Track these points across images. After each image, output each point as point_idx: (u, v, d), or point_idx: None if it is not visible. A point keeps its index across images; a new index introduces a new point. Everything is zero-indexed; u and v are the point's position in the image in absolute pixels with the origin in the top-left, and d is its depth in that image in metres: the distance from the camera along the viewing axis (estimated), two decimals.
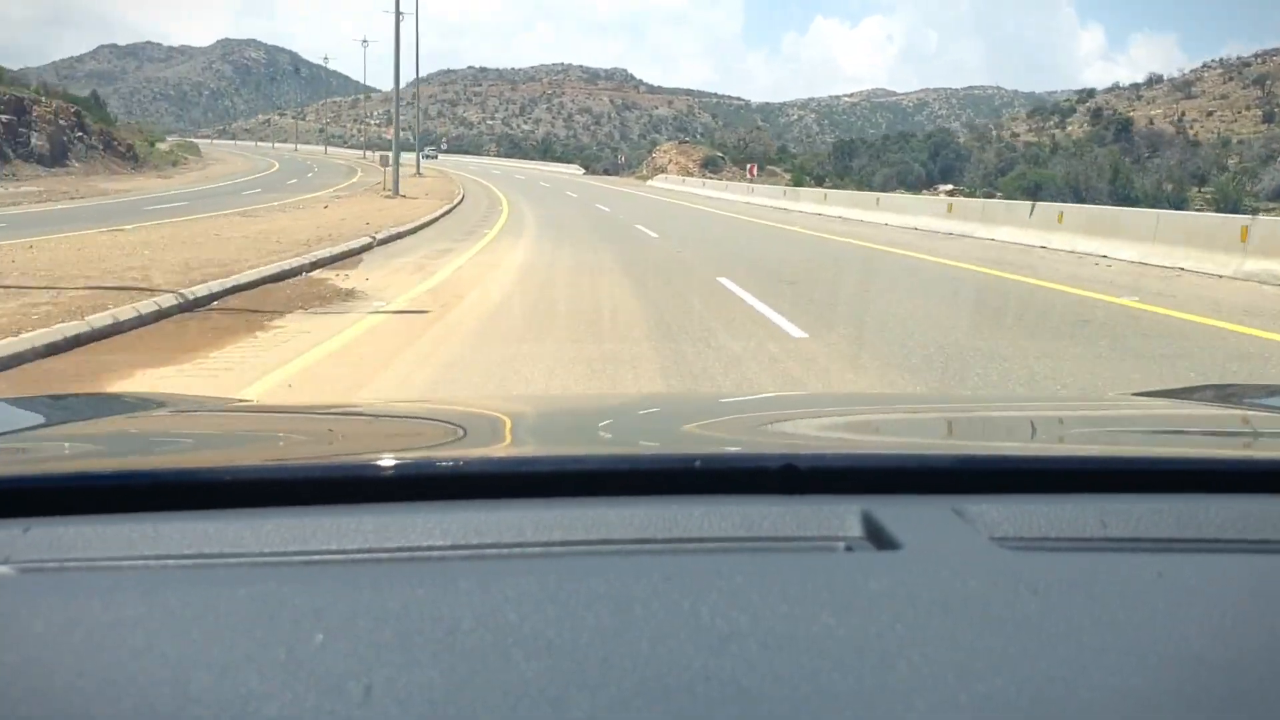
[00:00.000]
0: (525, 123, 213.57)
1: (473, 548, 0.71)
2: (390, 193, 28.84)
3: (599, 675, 0.51)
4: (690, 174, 64.73)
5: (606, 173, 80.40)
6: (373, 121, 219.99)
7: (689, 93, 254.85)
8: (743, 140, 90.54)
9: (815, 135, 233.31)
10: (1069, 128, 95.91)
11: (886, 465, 0.93)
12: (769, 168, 67.13)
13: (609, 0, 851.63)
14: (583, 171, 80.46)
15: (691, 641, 0.54)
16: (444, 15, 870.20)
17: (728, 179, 54.88)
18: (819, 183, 51.23)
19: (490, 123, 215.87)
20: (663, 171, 69.20)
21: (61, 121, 45.66)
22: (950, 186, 54.39)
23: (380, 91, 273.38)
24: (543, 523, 0.74)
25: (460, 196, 30.54)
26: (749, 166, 49.39)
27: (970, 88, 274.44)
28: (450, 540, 0.72)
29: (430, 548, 0.71)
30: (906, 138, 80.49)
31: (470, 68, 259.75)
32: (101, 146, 49.05)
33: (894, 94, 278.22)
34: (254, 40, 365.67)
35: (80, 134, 47.42)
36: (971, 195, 39.77)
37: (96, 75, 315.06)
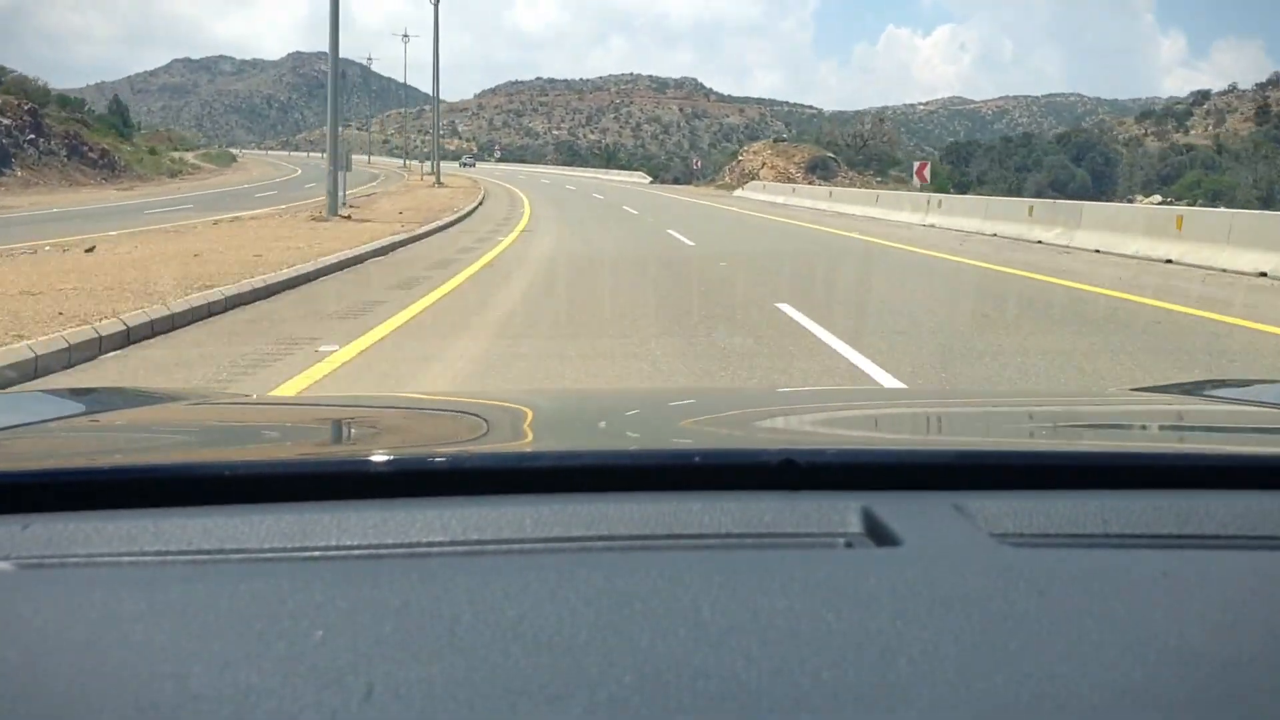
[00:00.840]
0: (591, 132, 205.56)
1: (472, 544, 0.71)
2: (337, 213, 18.39)
3: (598, 671, 0.51)
4: (792, 180, 48.67)
5: (677, 181, 67.17)
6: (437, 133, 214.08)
7: (759, 101, 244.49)
8: (859, 137, 65.23)
9: (900, 143, 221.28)
10: (1190, 130, 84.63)
11: (887, 461, 0.92)
12: (890, 172, 53.57)
13: (681, 11, 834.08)
14: (649, 180, 68.57)
15: (691, 637, 0.54)
16: (518, 29, 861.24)
17: (837, 185, 41.94)
18: (961, 190, 40.83)
19: (555, 133, 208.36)
20: (753, 178, 53.52)
21: (5, 120, 36.97)
22: (1157, 197, 42.42)
23: (445, 103, 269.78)
24: (542, 518, 0.73)
25: (460, 213, 21.82)
26: (917, 167, 28.97)
27: (1050, 95, 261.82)
28: (450, 536, 0.71)
29: (430, 544, 0.71)
30: (1029, 139, 68.76)
31: (538, 79, 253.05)
32: (65, 152, 40.97)
33: (970, 102, 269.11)
34: (325, 53, 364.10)
35: (34, 137, 38.95)
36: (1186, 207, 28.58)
37: (170, 89, 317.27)
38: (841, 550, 0.71)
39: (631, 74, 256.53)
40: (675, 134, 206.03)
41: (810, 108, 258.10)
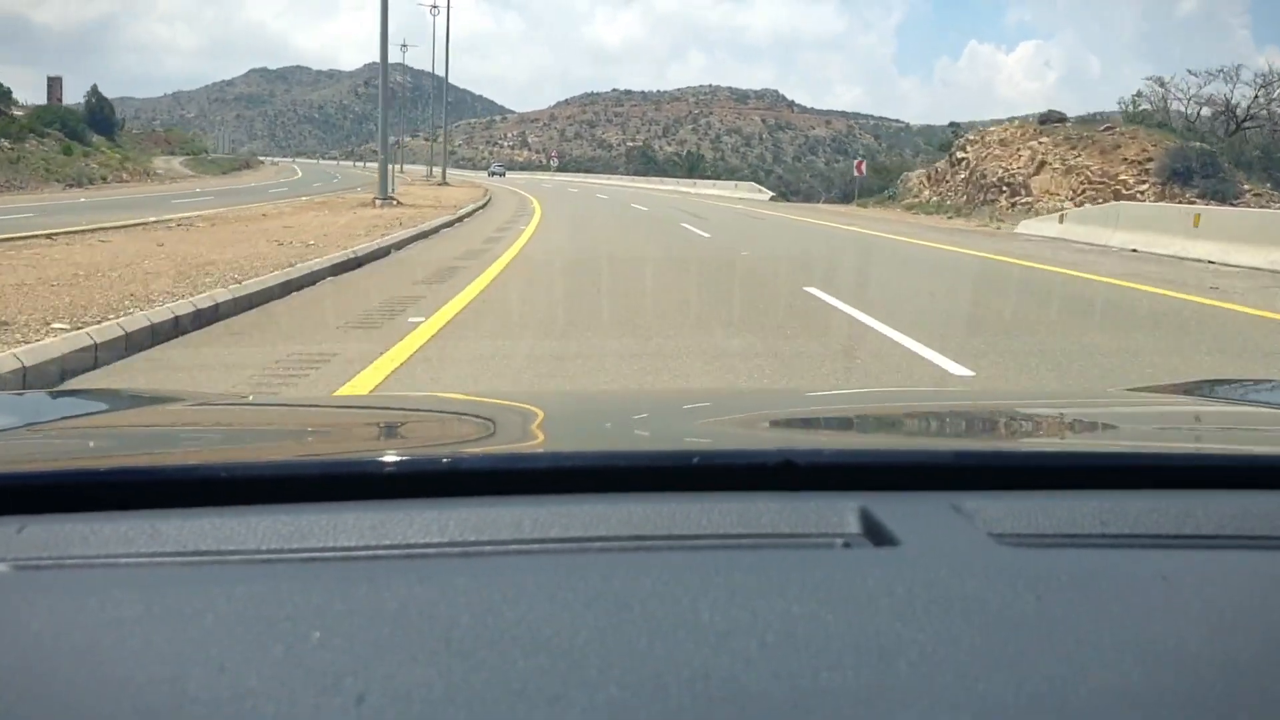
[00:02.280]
0: (668, 144, 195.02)
1: (470, 545, 0.70)
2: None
3: (597, 673, 0.51)
4: (1129, 193, 23.44)
5: (809, 199, 42.42)
6: (505, 144, 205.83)
7: (843, 114, 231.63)
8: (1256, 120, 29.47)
9: None
10: None
11: (885, 461, 0.92)
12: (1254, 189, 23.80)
13: (761, 25, 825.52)
14: (768, 197, 44.64)
15: (689, 639, 0.54)
16: (597, 43, 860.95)
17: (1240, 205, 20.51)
18: None
19: (630, 144, 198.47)
20: (1013, 190, 27.90)
21: None
22: None
23: (515, 113, 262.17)
24: (540, 520, 0.73)
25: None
26: None
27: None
28: (447, 537, 0.71)
29: (427, 545, 0.70)
30: None
31: (614, 90, 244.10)
32: None
33: (1058, 115, 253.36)
34: (401, 64, 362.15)
35: None
36: None
37: (245, 98, 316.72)
38: (840, 551, 0.70)
39: (710, 85, 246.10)
40: (757, 146, 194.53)
41: (896, 121, 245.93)
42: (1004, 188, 29.35)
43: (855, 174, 40.58)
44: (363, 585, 0.60)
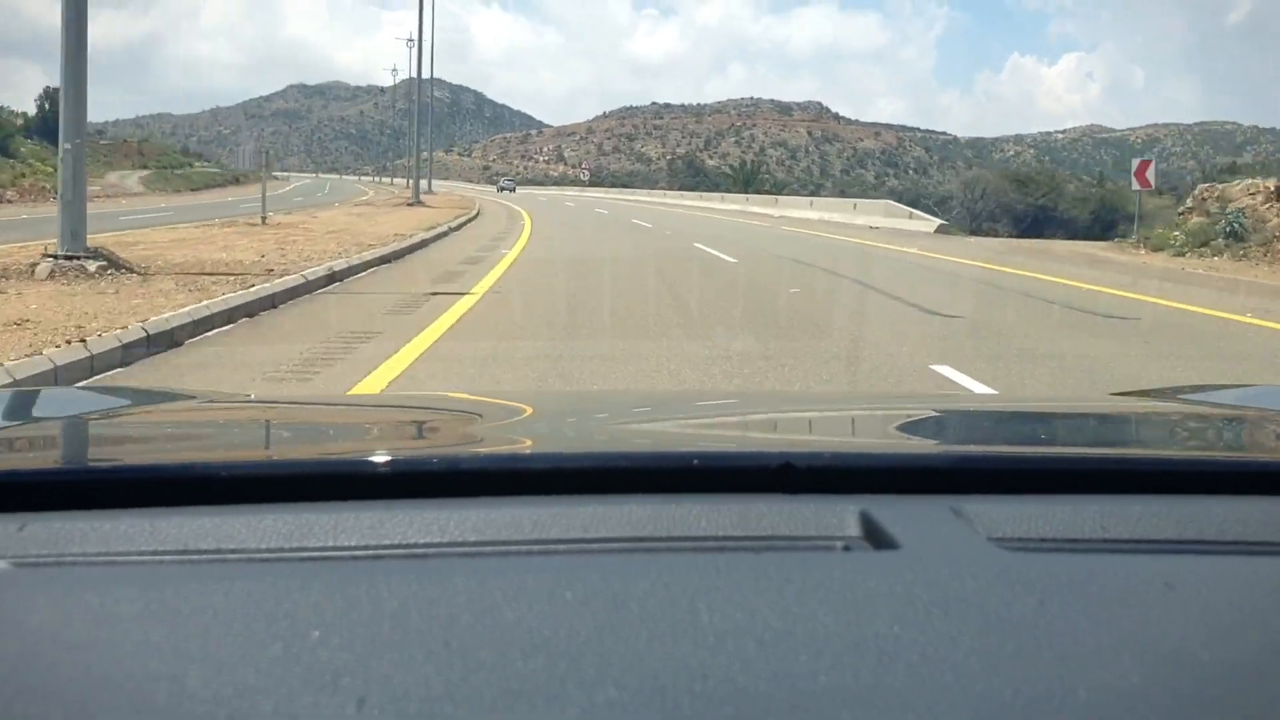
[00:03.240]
0: (710, 157, 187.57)
1: (470, 545, 0.70)
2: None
3: (596, 674, 0.51)
4: None
5: (975, 228, 30.28)
6: (540, 158, 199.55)
7: (888, 126, 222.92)
8: None
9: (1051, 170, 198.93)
10: None
11: (884, 465, 0.92)
12: None
13: (802, 38, 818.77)
14: (933, 228, 26.01)
15: (689, 640, 0.54)
16: (635, 58, 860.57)
17: None
18: None
19: (670, 158, 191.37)
20: None
21: None
22: None
23: (551, 127, 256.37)
24: (540, 520, 0.73)
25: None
26: None
27: (1203, 123, 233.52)
28: (447, 538, 0.71)
29: (427, 545, 0.70)
30: None
31: (653, 103, 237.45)
32: None
33: (1111, 130, 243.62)
34: (439, 80, 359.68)
35: None
36: None
37: (283, 114, 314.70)
38: (839, 554, 0.70)
39: (752, 98, 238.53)
40: (804, 159, 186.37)
41: (944, 134, 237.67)
42: None
43: (1136, 186, 22.48)
44: (362, 585, 0.60)
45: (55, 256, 9.22)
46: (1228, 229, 17.74)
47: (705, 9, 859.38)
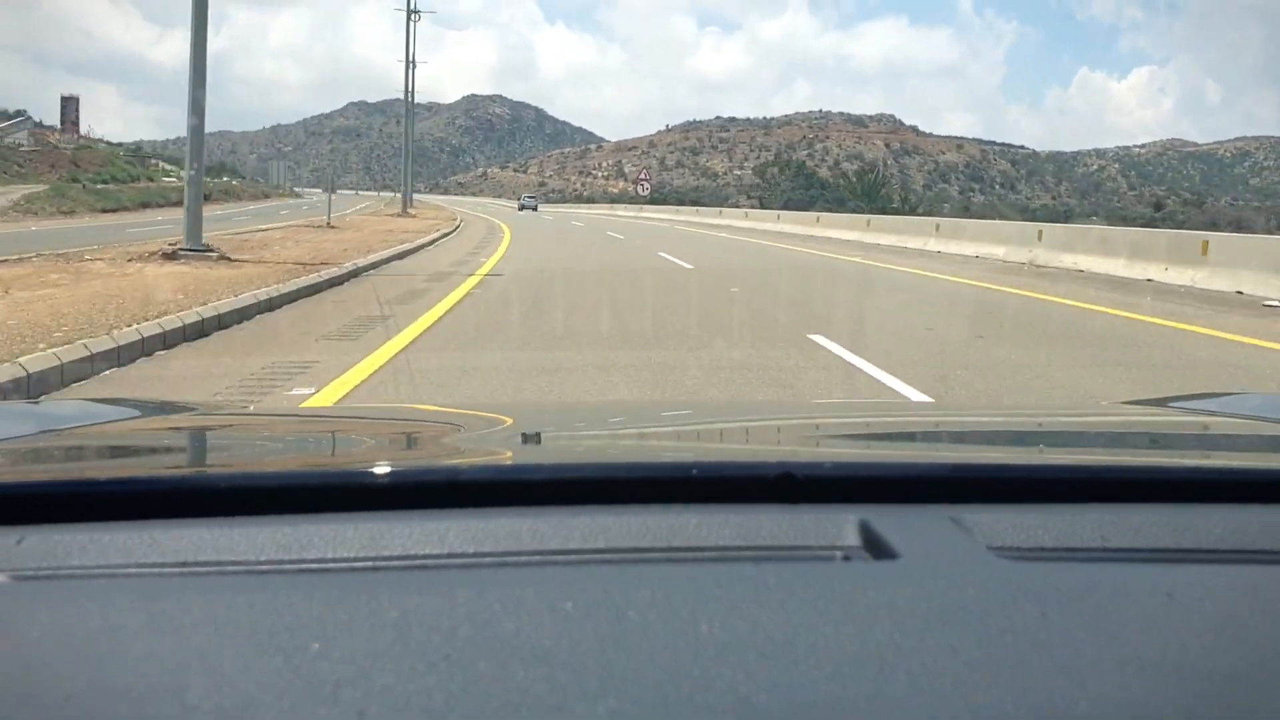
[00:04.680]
0: (781, 171, 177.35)
1: (469, 556, 0.70)
2: None
3: (596, 685, 0.51)
4: None
5: None
6: (599, 174, 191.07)
7: (963, 139, 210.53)
8: None
9: (1141, 187, 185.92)
10: None
11: (884, 474, 0.92)
12: None
13: (868, 53, 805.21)
14: None
15: (689, 651, 0.54)
16: (700, 74, 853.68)
17: None
18: None
19: (738, 173, 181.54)
20: None
21: None
22: None
23: (609, 142, 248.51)
24: (540, 531, 0.73)
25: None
26: None
27: None
28: (447, 549, 0.71)
29: (427, 556, 0.70)
30: None
31: (717, 118, 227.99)
32: None
33: (1193, 144, 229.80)
34: (499, 96, 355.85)
35: None
36: None
37: (343, 131, 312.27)
38: (839, 563, 0.70)
39: (822, 111, 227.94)
40: (882, 172, 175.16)
41: (1021, 147, 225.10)
42: None
43: None
44: (362, 596, 0.60)
45: None
46: None
47: (770, 25, 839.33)
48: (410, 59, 49.12)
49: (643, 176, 60.99)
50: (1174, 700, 0.51)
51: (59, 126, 74.47)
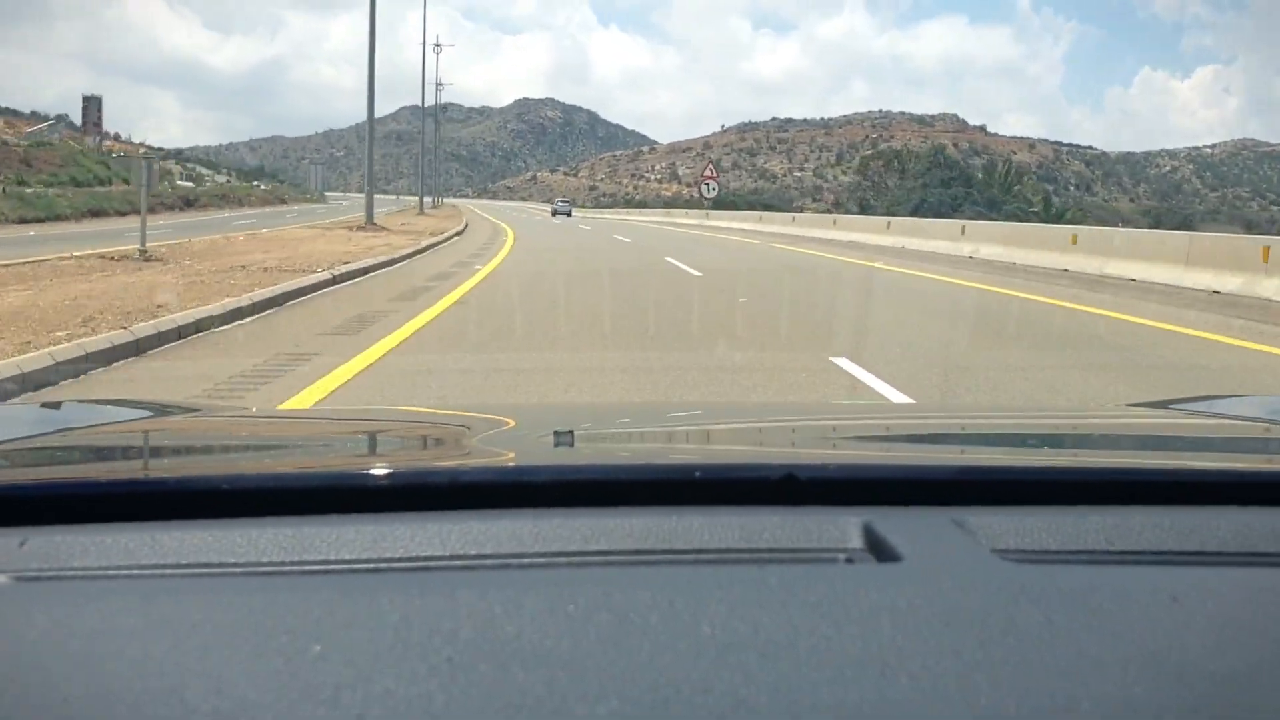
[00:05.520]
0: (843, 172, 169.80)
1: (471, 558, 0.70)
2: None
3: (598, 687, 0.51)
4: None
5: None
6: (652, 176, 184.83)
7: (1031, 139, 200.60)
8: None
9: (1221, 189, 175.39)
10: None
11: (887, 476, 0.92)
12: None
13: (927, 53, 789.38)
14: None
15: (691, 653, 0.54)
16: (756, 76, 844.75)
17: None
18: None
19: (798, 174, 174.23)
20: None
21: None
22: None
23: (660, 144, 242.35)
24: (541, 533, 0.73)
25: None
26: None
27: None
28: (448, 550, 0.71)
29: (428, 558, 0.70)
30: None
31: (774, 119, 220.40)
32: None
33: (1268, 144, 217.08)
34: (551, 99, 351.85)
35: None
36: None
37: (395, 135, 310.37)
38: (842, 566, 0.70)
39: (882, 111, 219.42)
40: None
41: (1089, 148, 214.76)
42: None
43: None
44: (363, 598, 0.60)
45: None
46: None
47: (826, 25, 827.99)
48: (437, 82, 48.96)
49: (707, 174, 46.98)
50: (1177, 702, 0.51)
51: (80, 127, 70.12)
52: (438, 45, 54.37)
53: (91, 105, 69.73)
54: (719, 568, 0.69)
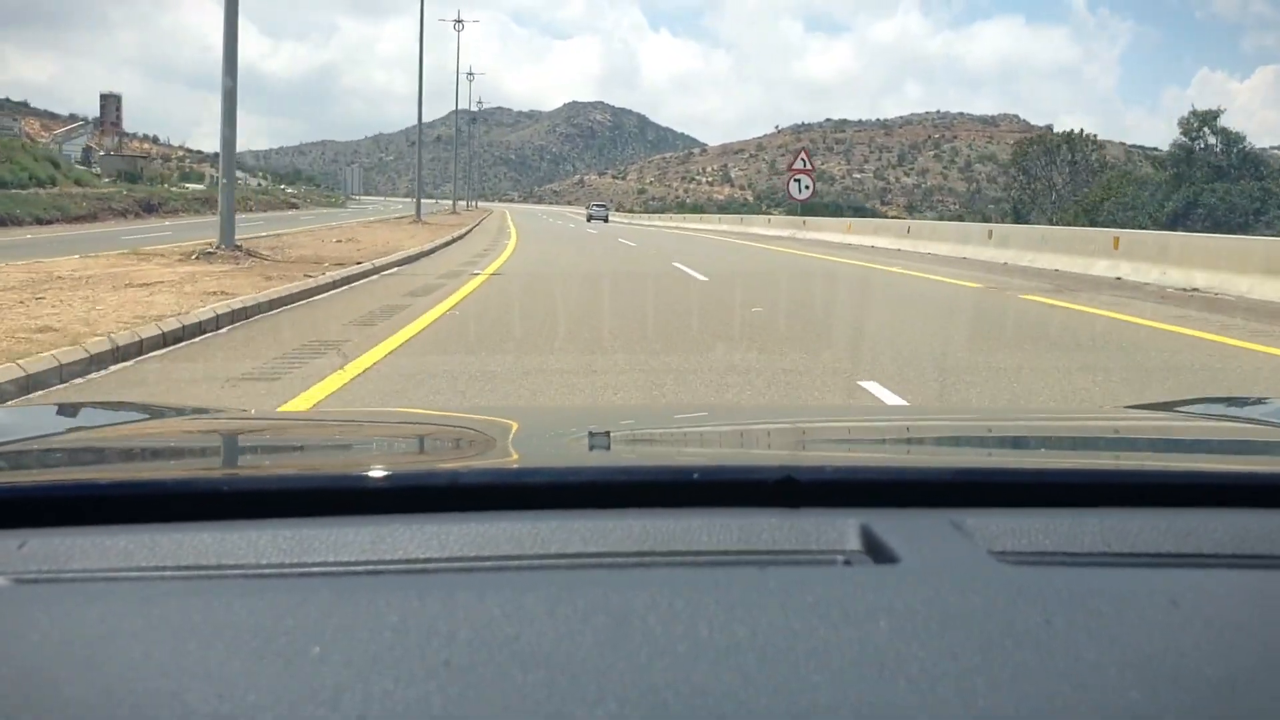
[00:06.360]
0: (905, 174, 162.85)
1: (470, 560, 0.70)
2: None
3: (596, 689, 0.51)
4: None
5: None
6: (703, 179, 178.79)
7: (1100, 140, 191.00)
8: None
9: None
10: None
11: (885, 478, 0.92)
12: None
13: (981, 53, 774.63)
14: None
15: (689, 655, 0.54)
16: (808, 77, 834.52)
17: None
18: None
19: (858, 175, 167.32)
20: None
21: None
22: None
23: (707, 146, 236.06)
24: (540, 535, 0.73)
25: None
26: None
27: None
28: (448, 553, 0.71)
29: (427, 560, 0.70)
30: None
31: (828, 120, 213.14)
32: None
33: None
34: (601, 103, 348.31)
35: None
36: None
37: (445, 140, 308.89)
38: (840, 568, 0.70)
39: (942, 111, 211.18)
40: (1020, 175, 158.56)
41: (1155, 149, 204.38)
42: None
43: None
44: (363, 600, 0.60)
45: None
46: None
47: (879, 27, 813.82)
48: (469, 72, 45.77)
49: (798, 166, 31.67)
50: (1176, 705, 0.51)
51: (99, 127, 66.40)
52: (459, 22, 48.77)
53: (109, 104, 65.87)
54: (717, 569, 0.69)
